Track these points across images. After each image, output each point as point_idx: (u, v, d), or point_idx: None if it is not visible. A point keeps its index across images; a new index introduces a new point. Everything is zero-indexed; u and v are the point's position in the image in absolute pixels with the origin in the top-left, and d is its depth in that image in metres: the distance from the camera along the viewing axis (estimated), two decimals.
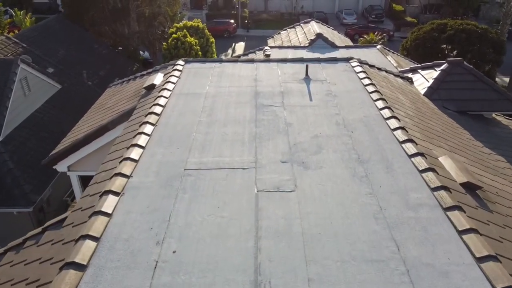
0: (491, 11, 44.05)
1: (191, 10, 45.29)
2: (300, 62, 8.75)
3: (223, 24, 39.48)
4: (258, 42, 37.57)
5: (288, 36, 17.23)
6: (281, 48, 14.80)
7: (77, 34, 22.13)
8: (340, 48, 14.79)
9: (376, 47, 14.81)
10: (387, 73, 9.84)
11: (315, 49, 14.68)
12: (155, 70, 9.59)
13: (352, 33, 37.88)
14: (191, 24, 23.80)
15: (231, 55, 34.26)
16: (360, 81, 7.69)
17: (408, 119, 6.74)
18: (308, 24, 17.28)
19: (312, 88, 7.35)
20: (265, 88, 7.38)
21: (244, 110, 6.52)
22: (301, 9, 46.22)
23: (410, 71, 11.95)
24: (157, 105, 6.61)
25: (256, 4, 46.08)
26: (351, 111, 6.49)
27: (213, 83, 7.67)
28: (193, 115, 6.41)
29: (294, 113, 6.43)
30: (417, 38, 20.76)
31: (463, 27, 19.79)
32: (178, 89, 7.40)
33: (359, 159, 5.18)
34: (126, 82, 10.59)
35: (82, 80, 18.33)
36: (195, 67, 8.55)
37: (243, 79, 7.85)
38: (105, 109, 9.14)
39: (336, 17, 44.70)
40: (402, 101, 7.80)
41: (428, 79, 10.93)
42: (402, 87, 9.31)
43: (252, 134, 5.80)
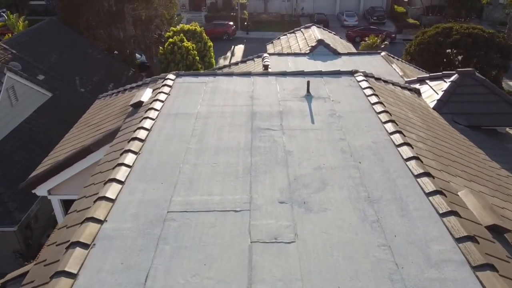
0: (494, 13, 43.37)
1: (189, 12, 44.64)
2: (300, 75, 8.08)
3: (222, 26, 38.80)
4: (257, 45, 36.90)
5: (288, 42, 16.56)
6: (280, 56, 14.13)
7: (71, 38, 21.47)
8: (342, 55, 14.12)
9: (380, 54, 14.14)
10: (393, 86, 9.18)
11: (316, 56, 14.01)
12: (144, 83, 8.93)
13: (353, 35, 37.23)
14: (188, 27, 23.12)
15: (230, 58, 33.62)
16: (367, 98, 7.02)
17: (421, 143, 6.07)
18: (309, 29, 16.61)
19: (314, 108, 6.68)
20: (263, 107, 6.71)
21: (239, 135, 5.85)
22: (301, 11, 45.55)
23: (417, 82, 11.27)
24: (142, 129, 5.94)
25: (255, 5, 45.41)
26: (358, 136, 5.81)
27: (205, 101, 7.00)
28: (181, 140, 5.74)
29: (294, 138, 5.75)
30: (422, 43, 20.09)
31: (469, 32, 19.13)
32: (166, 108, 6.73)
33: (369, 198, 4.51)
34: (115, 94, 9.92)
35: (74, 87, 17.68)
36: (186, 81, 7.88)
37: (239, 96, 7.17)
38: (91, 126, 8.47)
39: (337, 18, 44.03)
40: (413, 121, 7.13)
41: (437, 91, 10.26)
42: (410, 102, 8.64)
43: (247, 165, 5.13)
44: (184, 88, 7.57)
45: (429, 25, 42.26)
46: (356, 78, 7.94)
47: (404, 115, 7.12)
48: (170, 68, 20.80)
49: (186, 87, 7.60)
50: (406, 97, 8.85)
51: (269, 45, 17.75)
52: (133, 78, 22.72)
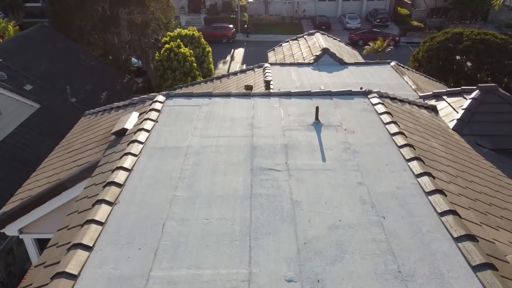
0: (500, 15, 42.33)
1: (188, 14, 43.68)
2: (307, 97, 7.13)
3: (222, 29, 37.80)
4: (258, 48, 35.91)
5: (291, 50, 15.60)
6: (282, 66, 13.17)
7: (62, 44, 20.52)
8: (349, 65, 13.16)
9: (390, 64, 13.18)
10: (410, 105, 8.22)
11: (321, 66, 13.05)
12: (132, 103, 7.99)
13: (356, 38, 36.27)
14: (186, 32, 22.16)
15: (229, 62, 32.67)
16: (385, 127, 6.06)
17: (452, 185, 5.12)
18: (312, 36, 15.64)
19: (324, 139, 5.72)
20: (264, 139, 5.75)
21: (236, 178, 4.89)
22: (302, 13, 44.56)
23: (433, 97, 10.32)
24: (121, 169, 4.98)
25: (256, 7, 44.41)
26: (379, 179, 4.85)
27: (198, 130, 6.04)
28: (167, 185, 4.78)
29: (303, 182, 4.79)
30: (430, 49, 19.14)
31: (480, 37, 18.19)
32: (152, 140, 5.78)
33: (400, 273, 3.56)
34: (101, 113, 8.97)
35: (65, 97, 16.73)
36: (178, 104, 6.92)
37: (237, 124, 6.22)
38: (71, 152, 7.52)
39: (339, 21, 43.02)
40: (437, 151, 6.18)
41: (457, 109, 9.30)
42: (430, 124, 7.68)
43: (246, 222, 4.17)
44: (175, 113, 6.62)
45: (434, 27, 41.47)
46: (370, 100, 6.98)
47: (427, 145, 6.16)
48: (167, 75, 19.87)
49: (177, 112, 6.64)
50: (425, 118, 7.90)
51: (270, 53, 16.79)
52: (128, 85, 21.81)
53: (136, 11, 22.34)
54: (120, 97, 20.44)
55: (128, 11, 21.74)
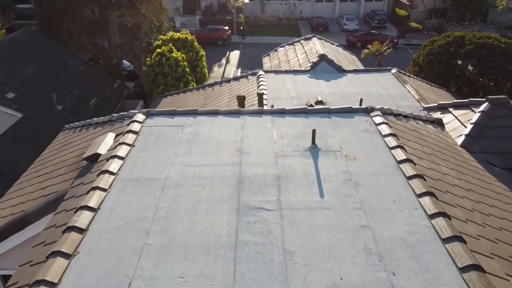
0: (500, 16, 41.79)
1: (183, 16, 42.92)
2: (303, 115, 6.43)
3: (217, 31, 37.04)
4: (254, 50, 35.14)
5: (286, 55, 14.89)
6: (277, 73, 12.46)
7: (50, 48, 19.74)
8: (347, 72, 12.47)
9: (391, 71, 12.50)
10: (415, 121, 7.54)
11: (318, 73, 12.36)
12: (111, 120, 7.27)
13: (354, 40, 35.60)
14: (178, 36, 21.42)
15: (224, 65, 31.95)
16: (390, 152, 5.36)
17: (470, 223, 4.43)
18: (309, 41, 14.94)
19: (322, 168, 5.02)
20: (254, 168, 5.05)
21: (219, 219, 4.19)
22: (299, 14, 43.86)
23: (438, 109, 9.64)
24: (85, 209, 4.27)
25: (252, 9, 43.68)
26: (386, 220, 4.16)
27: (179, 156, 5.33)
28: (138, 230, 4.07)
29: (297, 225, 4.09)
30: (431, 53, 18.48)
31: (483, 41, 17.55)
32: (126, 169, 5.06)
33: None
34: (79, 129, 8.25)
35: (51, 104, 15.97)
36: (159, 124, 6.21)
37: (224, 148, 5.51)
38: (41, 176, 6.79)
39: (337, 22, 42.34)
40: (449, 178, 5.49)
41: (464, 123, 8.62)
42: (438, 144, 7.01)
43: (228, 282, 3.46)
44: (155, 135, 5.90)
45: (433, 28, 40.86)
46: (373, 119, 6.28)
47: (438, 172, 5.48)
48: (158, 81, 19.13)
49: (157, 134, 5.93)
50: (431, 136, 7.22)
51: (265, 58, 16.09)
52: (119, 91, 21.06)
53: (127, 14, 21.58)
54: (110, 103, 19.72)
55: (118, 14, 20.97)
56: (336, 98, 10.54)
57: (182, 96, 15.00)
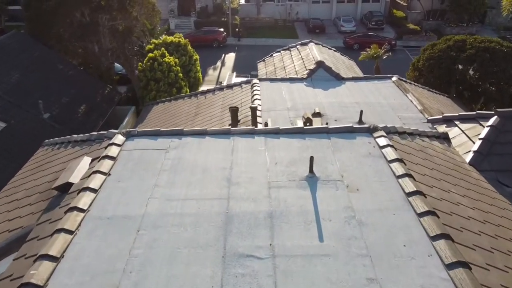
0: (498, 17, 41.30)
1: (178, 17, 42.28)
2: (299, 135, 5.83)
3: (212, 33, 36.39)
4: (249, 53, 34.51)
5: (282, 61, 14.30)
6: (273, 81, 11.87)
7: (39, 53, 19.07)
8: (346, 80, 11.89)
9: (392, 79, 11.92)
10: (421, 138, 6.97)
11: (315, 81, 11.77)
12: (89, 139, 6.65)
13: (351, 42, 35.07)
14: (171, 39, 20.76)
15: (220, 68, 31.33)
16: (398, 182, 4.78)
17: (492, 270, 3.86)
18: (306, 46, 14.35)
19: (321, 203, 4.43)
20: (244, 203, 4.45)
21: (202, 271, 3.59)
22: (296, 16, 43.29)
23: (443, 122, 9.07)
24: (45, 258, 3.66)
25: (248, 10, 43.05)
26: (396, 271, 3.57)
27: (160, 188, 4.72)
28: (106, 286, 3.46)
29: (292, 279, 3.50)
30: (431, 58, 17.95)
31: (485, 45, 17.03)
32: (99, 205, 4.45)
33: None
34: (58, 146, 7.61)
35: (37, 113, 15.32)
36: (139, 147, 5.60)
37: (210, 177, 4.91)
38: (11, 203, 6.16)
39: (334, 24, 41.79)
40: (463, 210, 4.92)
41: (472, 138, 8.05)
42: (446, 164, 6.44)
43: None
44: (134, 160, 5.29)
45: (430, 30, 40.39)
46: (376, 140, 5.70)
47: (450, 202, 4.90)
48: (150, 86, 18.50)
49: (137, 159, 5.32)
50: (439, 155, 6.65)
51: (260, 64, 15.49)
52: (110, 96, 20.41)
53: (118, 17, 20.93)
54: (100, 110, 19.08)
55: (109, 17, 20.32)
56: (334, 109, 9.96)
57: (174, 103, 14.38)
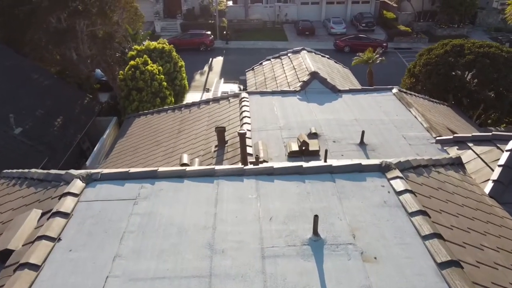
0: (488, 18, 40.99)
1: (164, 20, 41.02)
2: (297, 177, 4.82)
3: (199, 36, 35.21)
4: (238, 57, 33.44)
5: (273, 71, 13.28)
6: (263, 95, 10.84)
7: (11, 62, 17.77)
8: (343, 92, 10.92)
9: (392, 91, 10.99)
10: (436, 170, 6.03)
11: (309, 95, 10.79)
12: (46, 179, 5.54)
13: (342, 44, 34.24)
14: (154, 46, 19.59)
15: (207, 73, 30.22)
16: (424, 244, 3.79)
17: None
18: (298, 55, 13.34)
19: (330, 281, 3.42)
20: (230, 283, 3.41)
21: None
22: (285, 17, 42.35)
23: (454, 143, 8.15)
24: None
25: (235, 12, 41.95)
26: None
27: (122, 260, 3.66)
28: None
29: None
30: (428, 63, 17.10)
31: (484, 50, 16.24)
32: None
33: None
34: (14, 182, 6.49)
35: (7, 128, 14.09)
36: (102, 196, 4.53)
37: (188, 242, 3.87)
38: None
39: (323, 25, 40.93)
40: (502, 273, 3.96)
41: (490, 164, 7.14)
42: (467, 201, 5.51)
43: None
44: (94, 217, 4.22)
45: (421, 31, 39.73)
46: (391, 183, 4.71)
47: (489, 266, 3.94)
48: (132, 97, 17.33)
49: (96, 216, 4.24)
50: (459, 191, 5.72)
51: (249, 73, 14.45)
52: (90, 107, 19.17)
53: (98, 22, 19.72)
54: (79, 122, 17.85)
55: (88, 23, 19.10)
56: (332, 128, 8.98)
57: (157, 117, 13.28)
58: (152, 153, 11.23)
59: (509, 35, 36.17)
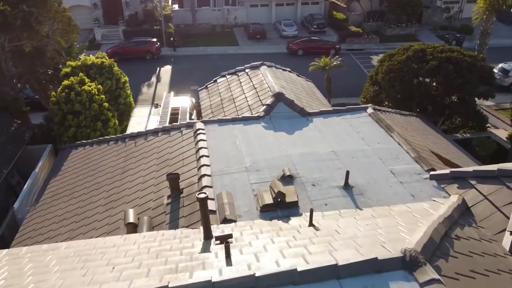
0: (434, 17, 41.78)
1: (105, 27, 38.09)
2: None
3: (145, 44, 32.79)
4: (187, 65, 31.41)
5: (230, 90, 11.66)
6: (222, 124, 9.21)
7: None
8: (313, 115, 9.54)
9: (367, 111, 9.75)
10: (454, 234, 4.74)
11: (276, 120, 9.31)
12: None
13: (295, 48, 33.24)
14: (92, 61, 17.28)
15: (155, 85, 28.00)
16: None
17: None
18: (257, 71, 11.81)
19: None
20: None
21: None
22: (234, 21, 40.81)
23: (452, 179, 6.96)
24: None
25: (182, 16, 39.74)
26: None
27: None
28: None
29: None
30: (391, 70, 16.24)
31: (447, 55, 15.60)
32: None
33: None
34: None
35: None
36: None
37: None
38: None
39: (274, 28, 39.80)
40: None
41: (501, 209, 5.99)
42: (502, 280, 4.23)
43: None
44: None
45: (372, 31, 39.59)
46: None
47: None
48: (68, 122, 15.02)
49: None
50: (488, 263, 4.44)
51: (202, 93, 12.72)
52: (18, 134, 16.55)
53: (25, 37, 17.11)
54: (6, 153, 15.26)
55: (10, 37, 16.48)
56: (308, 165, 7.54)
57: (97, 150, 11.27)
58: (91, 199, 9.27)
59: (455, 33, 36.85)
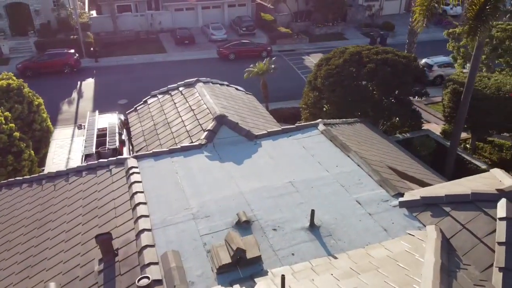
0: (357, 15, 43.01)
1: (13, 38, 34.18)
2: None
3: (61, 56, 29.70)
4: (111, 77, 28.93)
5: (164, 113, 10.29)
6: (158, 157, 7.88)
7: None
8: (261, 138, 8.55)
9: (318, 128, 8.96)
10: None
11: (220, 148, 8.18)
12: None
13: (226, 52, 32.11)
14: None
15: (77, 102, 25.38)
16: None
17: None
18: (192, 89, 10.54)
19: None
20: None
21: None
22: (159, 26, 38.75)
23: (424, 207, 6.30)
24: None
25: (102, 24, 36.87)
26: None
27: None
28: None
29: None
30: (329, 75, 15.81)
31: (382, 57, 15.50)
32: None
33: None
34: None
35: None
36: None
37: None
38: None
39: (203, 32, 38.43)
40: None
41: (483, 239, 5.42)
42: None
43: None
44: None
45: (300, 31, 39.75)
46: None
47: None
48: None
49: None
50: None
51: (132, 117, 11.17)
52: None
53: None
54: None
55: None
56: (265, 204, 6.52)
57: (6, 195, 9.33)
58: (2, 264, 7.49)
59: (379, 30, 38.15)
